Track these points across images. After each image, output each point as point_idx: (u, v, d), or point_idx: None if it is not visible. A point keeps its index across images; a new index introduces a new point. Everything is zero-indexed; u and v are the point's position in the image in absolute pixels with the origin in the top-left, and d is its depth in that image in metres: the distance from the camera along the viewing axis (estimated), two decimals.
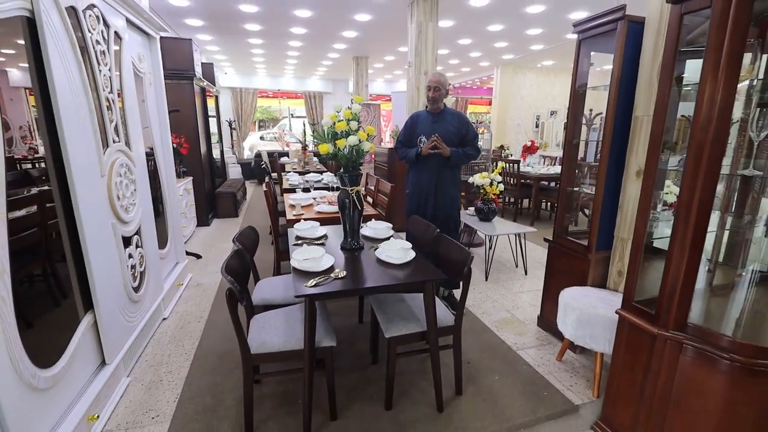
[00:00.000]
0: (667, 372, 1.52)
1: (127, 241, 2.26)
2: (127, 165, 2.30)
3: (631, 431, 1.67)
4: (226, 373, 2.15)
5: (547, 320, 2.56)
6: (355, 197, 1.99)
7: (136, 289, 2.34)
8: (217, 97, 6.94)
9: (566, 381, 2.08)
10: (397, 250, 1.86)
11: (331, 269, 1.79)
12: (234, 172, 8.78)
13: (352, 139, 1.87)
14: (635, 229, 1.60)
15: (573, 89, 2.26)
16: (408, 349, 1.92)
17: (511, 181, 5.75)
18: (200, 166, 5.19)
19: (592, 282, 2.21)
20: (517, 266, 3.80)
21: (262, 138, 12.76)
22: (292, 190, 3.93)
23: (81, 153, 1.81)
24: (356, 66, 8.31)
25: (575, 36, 2.24)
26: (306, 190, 3.90)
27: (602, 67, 3.28)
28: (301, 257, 1.80)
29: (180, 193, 4.32)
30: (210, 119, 6.21)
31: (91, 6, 1.99)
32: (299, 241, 2.22)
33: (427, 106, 2.91)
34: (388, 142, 7.23)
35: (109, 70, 2.18)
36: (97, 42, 2.04)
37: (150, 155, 2.96)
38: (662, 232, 1.83)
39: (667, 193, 1.92)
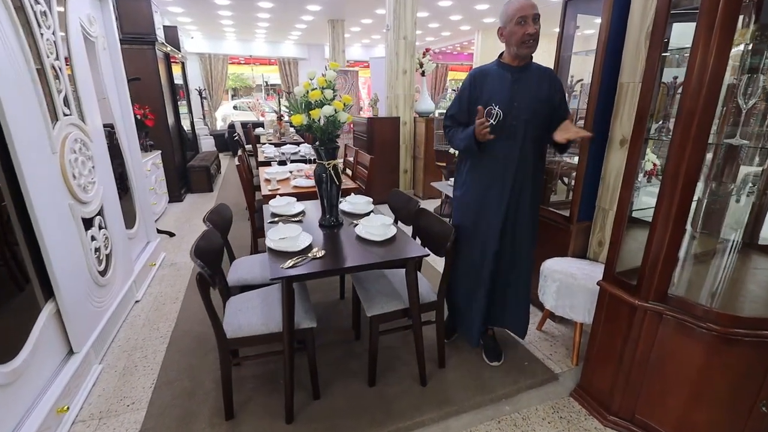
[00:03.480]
0: (646, 341, 1.54)
1: (88, 223, 2.11)
2: (82, 140, 2.12)
3: (609, 396, 1.72)
4: (204, 355, 2.09)
5: None
6: (332, 171, 1.89)
7: (103, 273, 2.22)
8: (183, 64, 6.51)
9: (546, 350, 2.11)
10: (378, 226, 1.80)
11: (309, 248, 1.71)
12: (207, 144, 8.44)
13: (327, 110, 1.75)
14: (619, 201, 1.57)
15: (558, 54, 2.17)
16: (390, 327, 1.89)
17: None
18: (169, 138, 4.92)
19: (572, 252, 2.22)
20: None
21: (235, 108, 12.23)
22: (268, 163, 3.77)
23: (25, 128, 1.63)
24: (332, 30, 7.92)
25: None
26: (282, 162, 3.74)
27: (583, 31, 3.19)
28: (276, 237, 1.71)
29: (148, 168, 4.10)
30: (177, 88, 5.83)
31: None
32: (275, 219, 2.12)
33: (500, 56, 1.77)
34: (366, 110, 7.00)
35: (53, 33, 1.95)
36: (36, 1, 1.80)
37: (108, 127, 2.75)
38: (641, 201, 1.83)
39: (646, 161, 1.91)
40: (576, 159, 2.20)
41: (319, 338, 2.21)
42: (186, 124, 6.45)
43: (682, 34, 1.47)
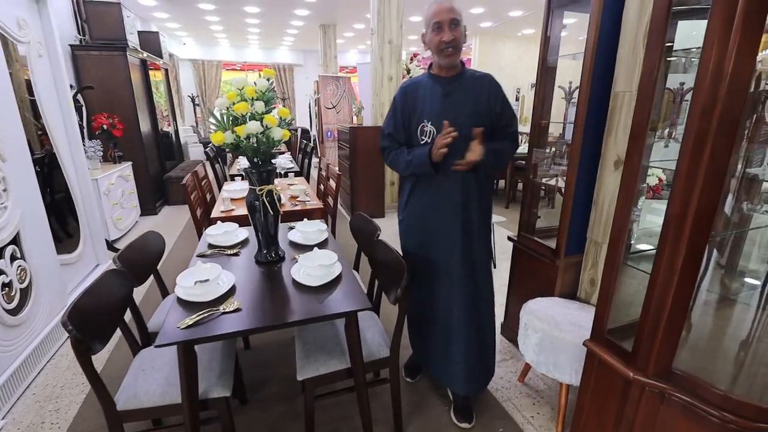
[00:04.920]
0: (644, 423, 1.20)
1: None
2: None
3: None
4: None
5: (512, 329, 2.24)
6: (266, 199, 1.58)
7: (15, 311, 1.92)
8: (167, 71, 6.27)
9: (527, 410, 1.77)
10: (316, 267, 1.48)
11: (229, 294, 1.40)
12: (196, 152, 8.19)
13: (253, 126, 1.44)
14: (610, 243, 1.24)
15: (541, 58, 1.85)
16: (330, 390, 1.57)
17: None
18: (141, 148, 4.65)
19: (560, 291, 1.88)
20: None
21: None
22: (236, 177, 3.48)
23: None
24: (323, 35, 7.66)
25: None
26: None
27: (579, 37, 2.84)
28: (190, 282, 1.40)
29: (112, 181, 3.84)
30: (160, 95, 5.58)
31: None
32: (210, 251, 1.81)
33: (429, 68, 1.63)
34: (353, 115, 6.68)
35: None
36: None
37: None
38: (646, 220, 1.51)
39: (649, 175, 1.59)
40: (557, 179, 1.87)
41: (261, 389, 1.90)
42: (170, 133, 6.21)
43: (690, 34, 1.17)
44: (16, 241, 1.98)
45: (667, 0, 1.03)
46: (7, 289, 1.88)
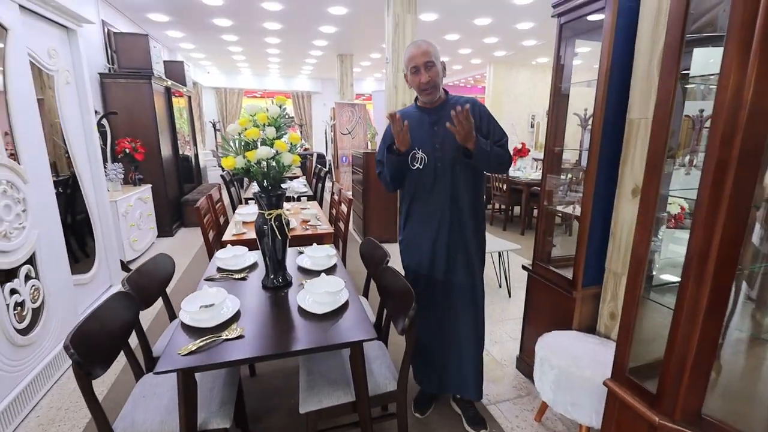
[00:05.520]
0: None
1: (9, 274, 1.85)
2: (10, 182, 1.89)
3: None
4: None
5: (528, 363, 2.14)
6: (274, 223, 1.58)
7: (25, 331, 1.93)
8: (190, 98, 6.52)
9: None
10: (323, 293, 1.44)
11: (233, 319, 1.37)
12: (214, 176, 8.40)
13: (263, 152, 1.45)
14: (629, 284, 1.17)
15: (554, 85, 1.84)
16: (335, 424, 1.51)
17: (502, 187, 5.32)
18: (161, 172, 4.78)
19: (578, 324, 1.79)
20: (500, 287, 3.38)
21: None
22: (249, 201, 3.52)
23: None
24: (340, 64, 7.89)
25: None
26: None
27: (594, 65, 2.86)
28: (195, 306, 1.38)
29: (131, 203, 3.93)
30: (183, 121, 5.79)
31: None
32: (218, 275, 1.80)
33: (416, 100, 1.74)
34: (367, 141, 6.77)
35: None
36: None
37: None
38: (669, 250, 1.44)
39: (670, 203, 1.53)
40: (574, 207, 1.82)
41: (265, 419, 1.84)
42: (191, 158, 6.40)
43: (707, 61, 1.15)
44: (31, 260, 2.01)
45: (680, 29, 1.01)
46: (19, 308, 1.90)
